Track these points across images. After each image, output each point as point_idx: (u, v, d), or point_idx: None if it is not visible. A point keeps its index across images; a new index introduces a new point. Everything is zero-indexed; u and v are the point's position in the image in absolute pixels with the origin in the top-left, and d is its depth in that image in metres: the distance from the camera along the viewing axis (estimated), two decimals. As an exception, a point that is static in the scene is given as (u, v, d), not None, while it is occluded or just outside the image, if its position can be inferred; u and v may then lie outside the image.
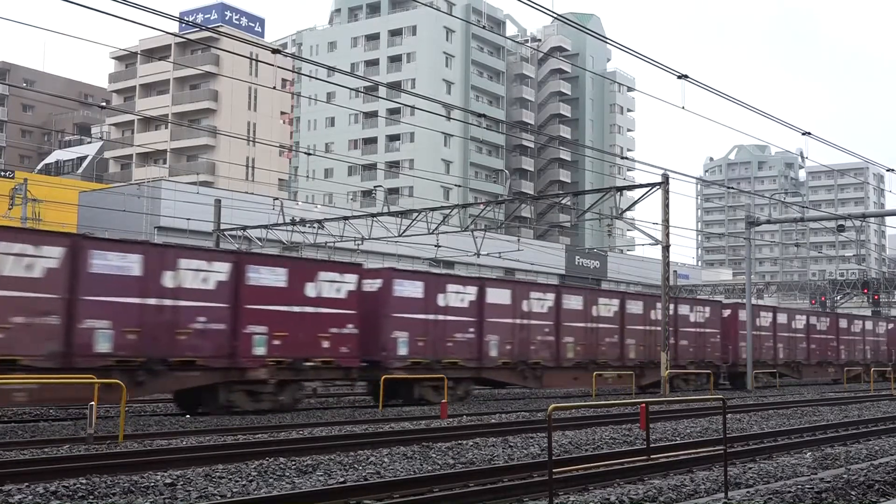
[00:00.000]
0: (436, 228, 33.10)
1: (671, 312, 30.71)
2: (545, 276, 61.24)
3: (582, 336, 29.37)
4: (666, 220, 27.92)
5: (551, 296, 28.64)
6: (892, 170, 34.59)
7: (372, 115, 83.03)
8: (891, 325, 51.95)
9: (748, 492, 9.61)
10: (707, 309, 36.14)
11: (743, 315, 36.69)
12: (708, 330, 35.49)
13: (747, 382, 35.24)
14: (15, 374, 16.55)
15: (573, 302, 29.15)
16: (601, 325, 30.23)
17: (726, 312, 37.20)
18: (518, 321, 26.97)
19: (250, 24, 74.43)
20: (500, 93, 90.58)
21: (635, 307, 31.88)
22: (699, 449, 13.24)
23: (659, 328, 29.64)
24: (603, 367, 29.99)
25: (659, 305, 30.33)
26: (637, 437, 15.45)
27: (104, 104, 57.97)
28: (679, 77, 20.30)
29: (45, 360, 17.06)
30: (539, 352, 27.63)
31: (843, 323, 46.08)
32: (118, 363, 18.01)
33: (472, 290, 25.87)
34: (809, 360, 42.59)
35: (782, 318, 40.93)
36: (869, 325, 49.18)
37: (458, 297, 25.36)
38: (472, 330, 25.53)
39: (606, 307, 30.71)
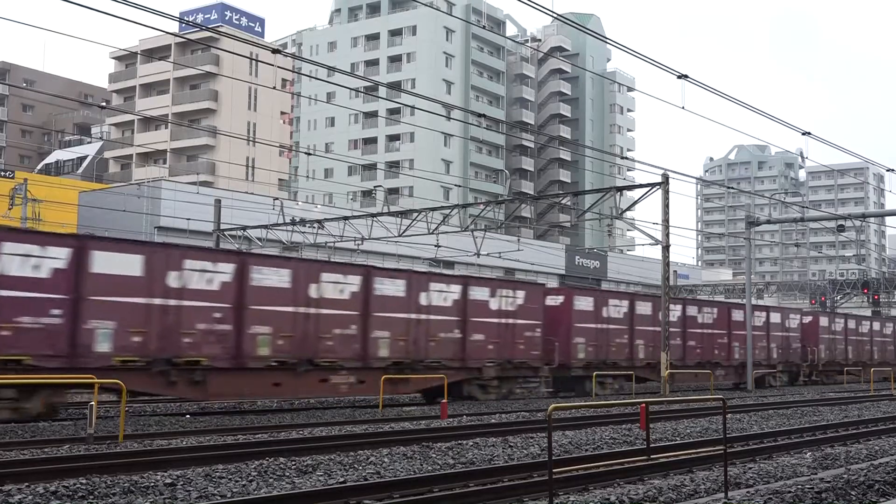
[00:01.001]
0: (436, 228, 33.11)
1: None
2: (545, 277, 61.25)
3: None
4: (666, 220, 27.92)
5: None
6: (892, 170, 34.60)
7: (372, 115, 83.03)
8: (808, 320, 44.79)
9: (748, 492, 9.61)
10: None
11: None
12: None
13: (748, 382, 35.32)
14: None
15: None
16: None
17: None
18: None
19: (250, 24, 74.42)
20: (500, 93, 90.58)
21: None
22: (699, 449, 13.24)
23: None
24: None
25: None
26: (637, 437, 15.45)
27: (104, 104, 57.97)
28: (679, 77, 20.31)
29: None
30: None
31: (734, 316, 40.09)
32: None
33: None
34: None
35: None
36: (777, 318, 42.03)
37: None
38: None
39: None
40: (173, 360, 19.25)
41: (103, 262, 18.41)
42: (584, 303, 30.30)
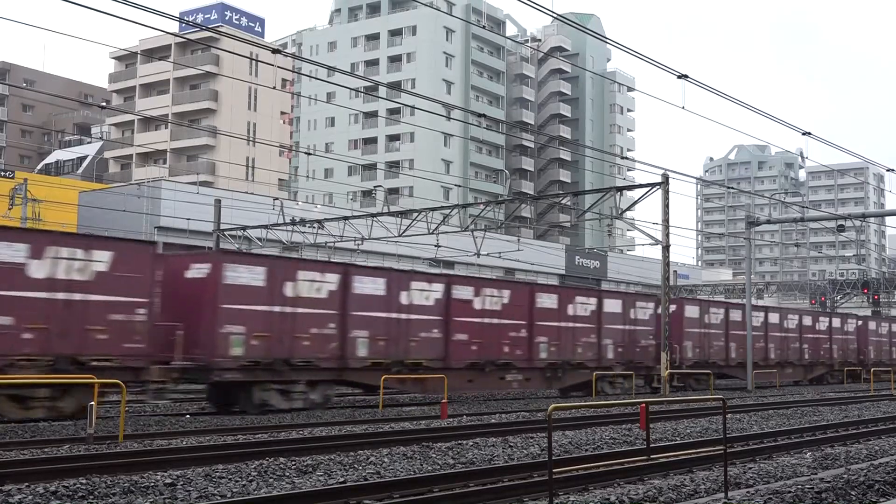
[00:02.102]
0: (436, 228, 33.10)
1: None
2: (545, 277, 61.27)
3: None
4: (666, 220, 27.92)
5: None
6: (892, 170, 34.61)
7: (372, 115, 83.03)
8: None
9: (748, 492, 9.62)
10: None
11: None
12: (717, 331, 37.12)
13: (748, 382, 35.35)
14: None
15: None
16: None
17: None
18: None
19: (250, 24, 74.41)
20: (500, 93, 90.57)
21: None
22: (699, 449, 13.24)
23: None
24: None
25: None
26: (637, 437, 15.45)
27: (104, 104, 57.97)
28: (679, 77, 20.31)
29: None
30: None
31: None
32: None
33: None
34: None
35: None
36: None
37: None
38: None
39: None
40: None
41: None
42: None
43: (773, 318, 40.16)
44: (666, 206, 27.90)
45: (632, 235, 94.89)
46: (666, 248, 28.03)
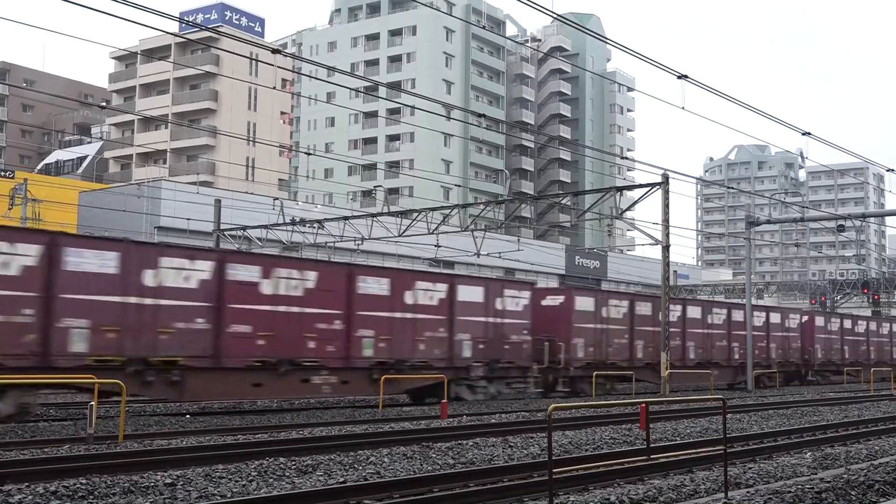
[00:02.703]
0: (436, 228, 33.10)
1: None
2: (545, 277, 61.27)
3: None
4: (666, 220, 27.92)
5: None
6: (892, 170, 34.61)
7: (372, 115, 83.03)
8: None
9: (748, 492, 9.61)
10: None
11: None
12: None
13: (748, 382, 35.36)
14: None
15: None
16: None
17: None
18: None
19: (250, 24, 74.43)
20: (500, 93, 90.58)
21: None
22: (699, 449, 13.24)
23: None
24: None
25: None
26: (637, 437, 15.45)
27: (104, 104, 57.98)
28: (679, 77, 20.32)
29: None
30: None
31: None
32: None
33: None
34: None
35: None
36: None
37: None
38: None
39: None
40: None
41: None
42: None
43: (694, 312, 35.10)
44: (666, 206, 27.91)
45: (632, 235, 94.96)
46: (666, 248, 28.03)
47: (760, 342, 38.46)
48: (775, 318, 40.14)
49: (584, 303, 29.83)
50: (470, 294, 25.51)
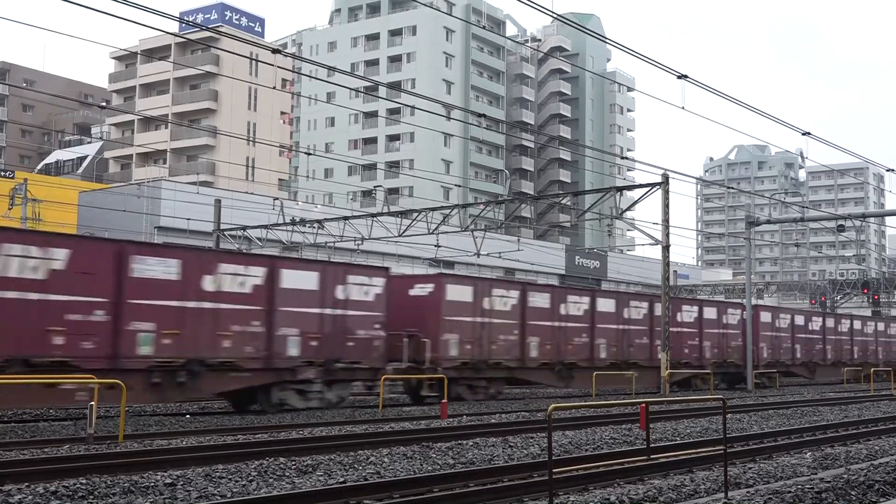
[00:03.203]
0: (436, 228, 33.10)
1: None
2: (545, 277, 61.27)
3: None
4: (666, 220, 27.93)
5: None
6: (892, 170, 34.61)
7: (372, 115, 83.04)
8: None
9: (748, 492, 9.62)
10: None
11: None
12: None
13: (748, 382, 35.38)
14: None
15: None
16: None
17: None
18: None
19: (250, 24, 74.43)
20: (500, 93, 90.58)
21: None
22: (699, 449, 13.24)
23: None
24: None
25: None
26: (637, 437, 15.45)
27: (104, 104, 57.98)
28: (679, 77, 20.32)
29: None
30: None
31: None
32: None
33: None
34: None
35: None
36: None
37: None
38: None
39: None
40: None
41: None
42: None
43: (605, 305, 30.68)
44: (666, 206, 27.91)
45: (632, 235, 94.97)
46: (666, 248, 28.03)
47: (692, 339, 34.76)
48: (710, 313, 36.44)
49: (458, 292, 25.78)
50: (299, 280, 21.60)
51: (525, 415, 20.41)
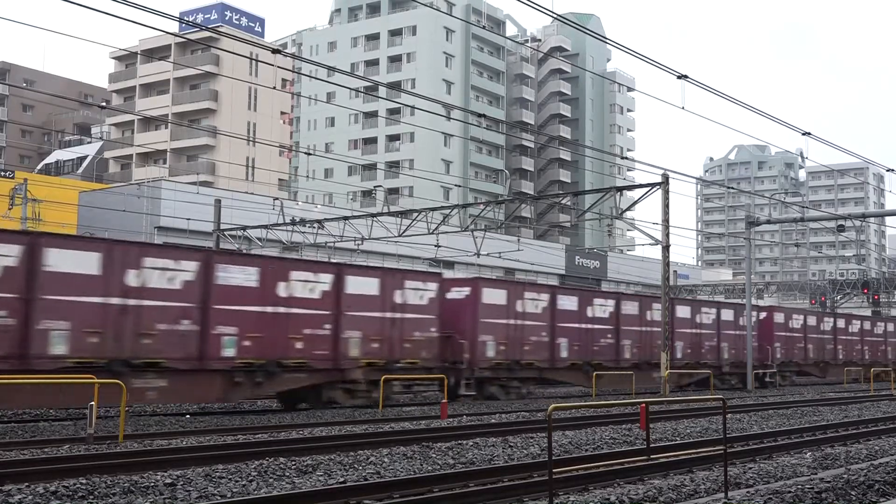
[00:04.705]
0: (436, 228, 33.08)
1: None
2: (545, 277, 61.27)
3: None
4: (666, 220, 27.91)
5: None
6: (892, 170, 34.60)
7: (372, 115, 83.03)
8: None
9: (748, 492, 9.62)
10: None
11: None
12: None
13: (748, 382, 35.39)
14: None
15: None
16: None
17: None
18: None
19: (250, 24, 74.42)
20: (500, 93, 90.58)
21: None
22: (699, 449, 13.24)
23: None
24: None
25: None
26: (637, 437, 15.45)
27: (104, 104, 57.96)
28: (679, 77, 20.32)
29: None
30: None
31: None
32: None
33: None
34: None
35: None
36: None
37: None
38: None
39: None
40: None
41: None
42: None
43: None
44: (666, 206, 27.90)
45: (632, 235, 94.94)
46: (666, 248, 28.02)
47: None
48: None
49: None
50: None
51: (525, 415, 20.41)
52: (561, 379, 30.11)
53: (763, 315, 40.39)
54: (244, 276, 20.42)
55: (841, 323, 46.44)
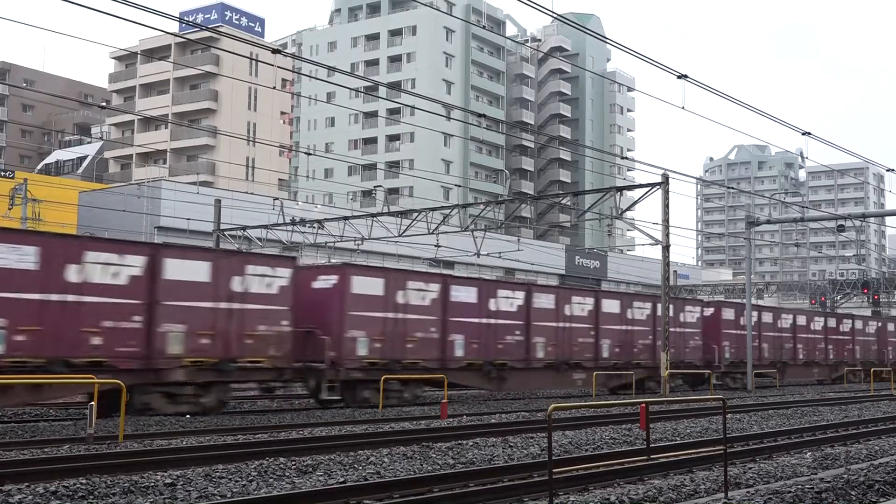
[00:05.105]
0: (436, 228, 33.09)
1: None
2: (545, 277, 61.29)
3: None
4: (666, 220, 27.92)
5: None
6: (892, 170, 34.60)
7: (372, 115, 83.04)
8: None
9: (748, 492, 9.62)
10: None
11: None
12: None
13: (748, 382, 35.38)
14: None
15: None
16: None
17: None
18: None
19: (250, 24, 74.42)
20: (500, 93, 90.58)
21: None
22: (699, 449, 13.24)
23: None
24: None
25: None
26: (637, 437, 15.45)
27: (104, 104, 57.96)
28: (679, 77, 20.32)
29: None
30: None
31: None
32: None
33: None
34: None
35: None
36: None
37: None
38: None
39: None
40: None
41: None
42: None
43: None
44: (666, 206, 27.91)
45: (632, 235, 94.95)
46: (666, 248, 28.03)
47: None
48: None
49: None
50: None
51: (525, 415, 20.41)
52: (456, 381, 25.99)
53: (709, 311, 36.67)
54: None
55: (801, 320, 42.55)
